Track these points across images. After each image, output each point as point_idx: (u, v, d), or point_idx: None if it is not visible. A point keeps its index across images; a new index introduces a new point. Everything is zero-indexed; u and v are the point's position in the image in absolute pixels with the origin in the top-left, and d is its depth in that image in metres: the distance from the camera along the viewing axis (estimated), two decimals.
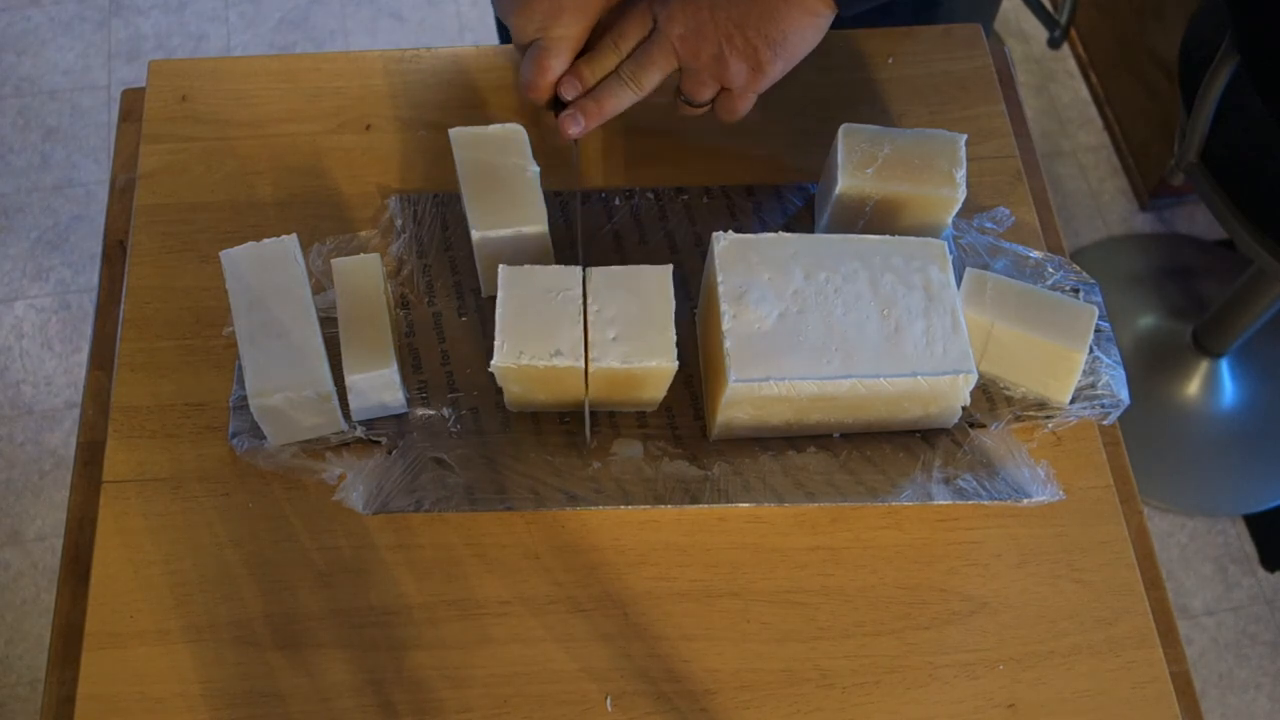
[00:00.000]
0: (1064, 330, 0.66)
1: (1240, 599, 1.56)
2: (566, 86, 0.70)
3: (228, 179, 0.76)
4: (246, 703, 0.61)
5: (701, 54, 0.68)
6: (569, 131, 0.70)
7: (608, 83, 0.70)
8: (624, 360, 0.61)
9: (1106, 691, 0.63)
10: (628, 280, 0.64)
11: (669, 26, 0.68)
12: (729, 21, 0.66)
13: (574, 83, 0.70)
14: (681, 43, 0.68)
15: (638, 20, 0.69)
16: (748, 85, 0.69)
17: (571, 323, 0.62)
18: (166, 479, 0.66)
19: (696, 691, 0.62)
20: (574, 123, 0.70)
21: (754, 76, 0.68)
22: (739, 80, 0.69)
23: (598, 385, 0.64)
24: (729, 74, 0.68)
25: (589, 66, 0.70)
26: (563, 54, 0.70)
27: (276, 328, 0.63)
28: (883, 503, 0.66)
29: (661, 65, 0.69)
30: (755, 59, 0.67)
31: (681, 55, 0.68)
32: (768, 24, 0.66)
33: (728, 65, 0.68)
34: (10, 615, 1.49)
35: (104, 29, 1.98)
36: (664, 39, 0.68)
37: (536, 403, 0.67)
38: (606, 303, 0.63)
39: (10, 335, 1.69)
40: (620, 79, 0.70)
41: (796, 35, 0.67)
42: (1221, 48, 1.10)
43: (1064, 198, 1.86)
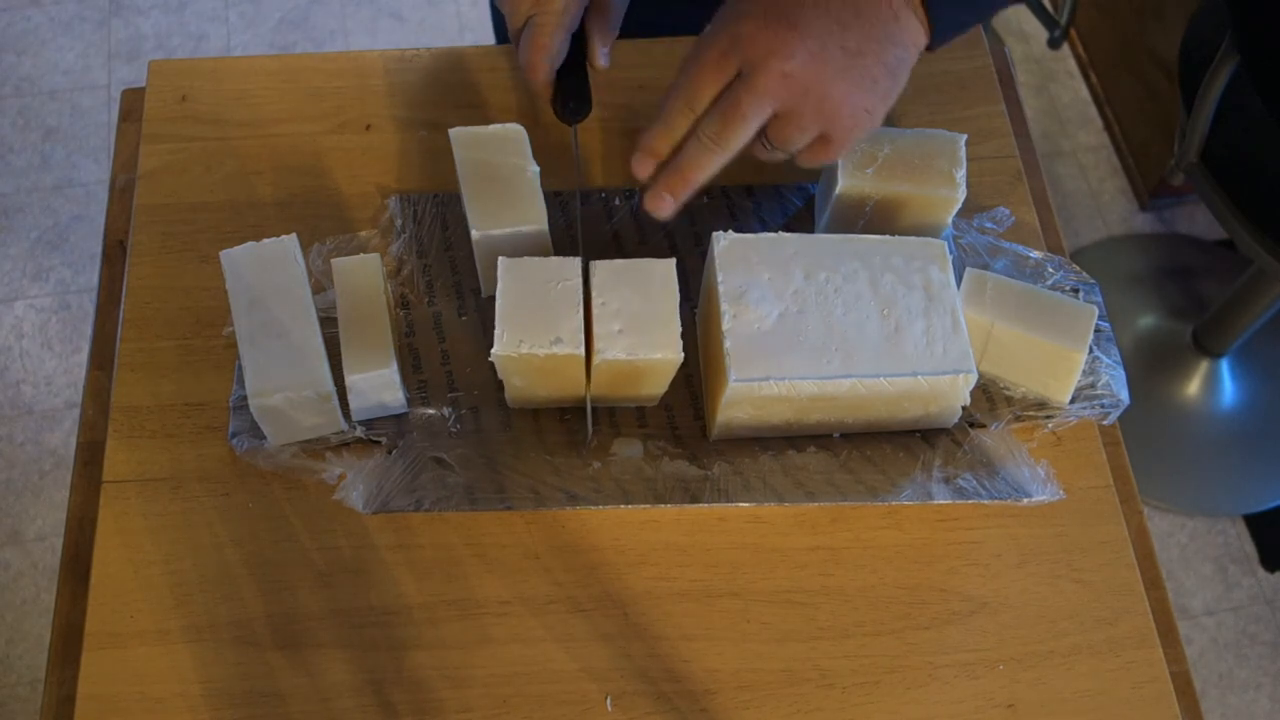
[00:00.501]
0: (1064, 330, 0.66)
1: (1240, 599, 1.56)
2: (639, 165, 0.61)
3: (228, 179, 0.76)
4: (246, 703, 0.61)
5: (811, 92, 0.56)
6: (660, 214, 0.61)
7: (688, 149, 0.59)
8: (629, 352, 0.61)
9: (1106, 691, 0.63)
10: (632, 273, 0.64)
11: (769, 63, 0.56)
12: (844, 52, 0.56)
13: (645, 160, 0.61)
14: (786, 82, 0.56)
15: (714, 64, 0.57)
16: (856, 125, 0.59)
17: (571, 311, 0.62)
18: (166, 479, 0.66)
19: (696, 691, 0.62)
20: (661, 202, 0.61)
21: (866, 116, 0.58)
22: (851, 121, 0.58)
23: (600, 379, 0.64)
24: (843, 115, 0.57)
25: (659, 136, 0.60)
26: (558, 31, 0.66)
27: (276, 328, 0.63)
28: (883, 502, 0.66)
29: (756, 116, 0.57)
30: (874, 92, 0.57)
31: (785, 96, 0.57)
32: (888, 49, 0.57)
33: (843, 104, 0.57)
34: (10, 615, 1.49)
35: (104, 29, 1.98)
36: (761, 81, 0.56)
37: (538, 398, 0.67)
38: (611, 296, 0.63)
39: (10, 335, 1.69)
40: (701, 143, 0.58)
41: (906, 67, 0.58)
42: (1221, 48, 1.10)
43: (1064, 198, 1.86)
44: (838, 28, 0.56)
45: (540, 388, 0.65)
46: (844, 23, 0.56)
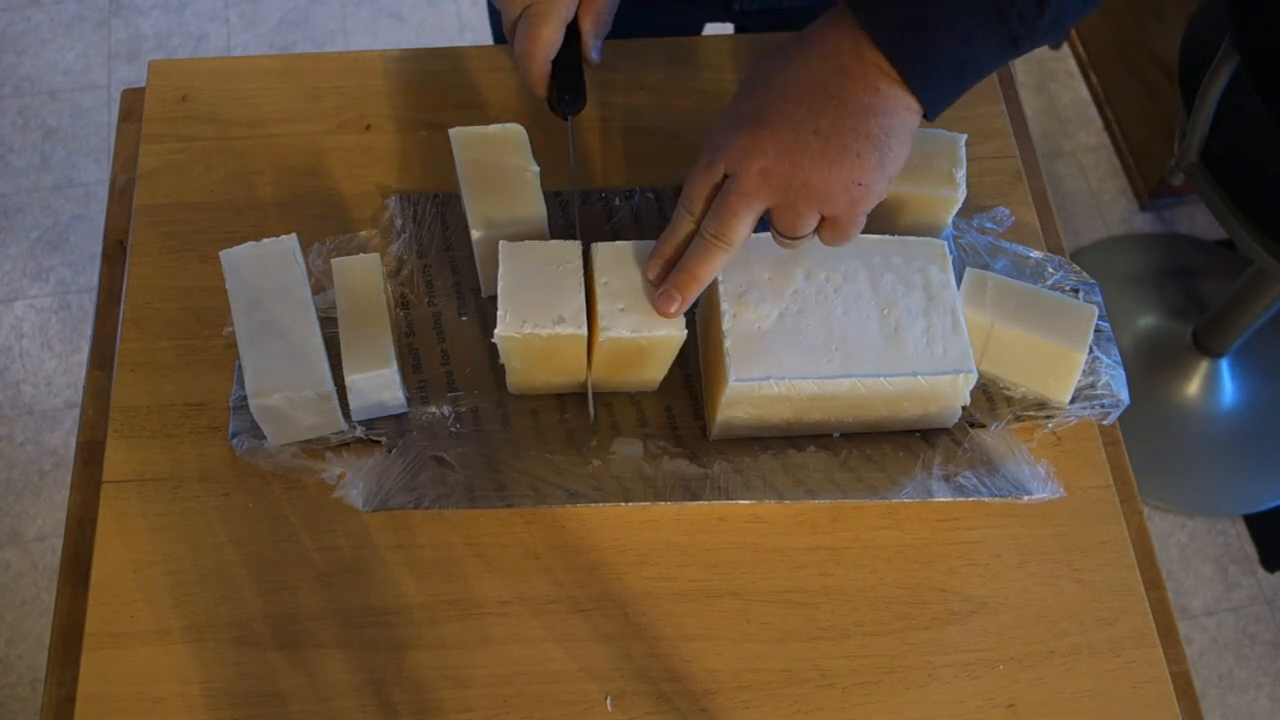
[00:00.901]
0: (1064, 330, 0.66)
1: (1240, 599, 1.56)
2: (650, 268, 0.62)
3: (228, 179, 0.76)
4: (246, 703, 0.61)
5: (794, 181, 0.57)
6: (668, 311, 0.62)
7: (693, 248, 0.61)
8: (634, 330, 0.61)
9: (1106, 691, 0.63)
10: (635, 254, 0.64)
11: (746, 164, 0.57)
12: (818, 136, 0.56)
13: (655, 263, 0.62)
14: (765, 178, 0.58)
15: (702, 173, 0.60)
16: (854, 201, 0.58)
17: (573, 292, 0.62)
18: (166, 479, 0.66)
19: (696, 691, 0.62)
20: (670, 300, 0.61)
21: (861, 190, 0.58)
22: (845, 198, 0.58)
23: (602, 361, 0.64)
24: (834, 194, 0.58)
25: (665, 241, 0.62)
26: (553, 21, 0.67)
27: (276, 328, 0.63)
28: (883, 499, 0.66)
29: (748, 213, 0.59)
30: (859, 165, 0.57)
31: (770, 191, 0.58)
32: (868, 121, 0.57)
33: (830, 185, 0.57)
34: (10, 615, 1.49)
35: (104, 29, 1.98)
36: (743, 181, 0.58)
37: (538, 384, 0.67)
38: (613, 276, 0.63)
39: (10, 335, 1.69)
40: (705, 241, 0.60)
41: (898, 134, 0.58)
42: (1221, 48, 1.10)
43: (1064, 198, 1.86)
44: (809, 115, 0.57)
45: (541, 371, 0.65)
46: (815, 109, 0.57)
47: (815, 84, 0.57)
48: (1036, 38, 0.57)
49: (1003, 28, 0.56)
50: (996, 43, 0.57)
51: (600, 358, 0.64)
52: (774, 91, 0.58)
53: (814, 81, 0.57)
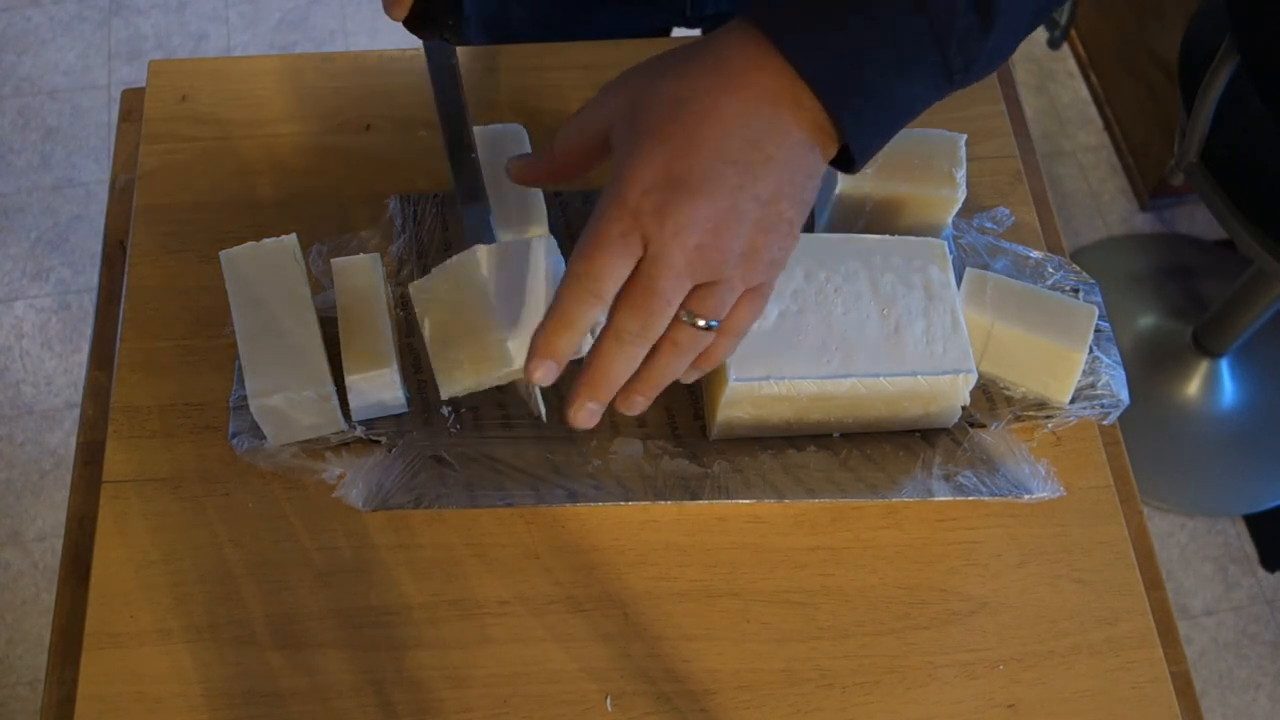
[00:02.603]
0: (1064, 330, 0.66)
1: (1240, 599, 1.56)
2: (541, 372, 0.50)
3: (228, 179, 0.76)
4: (246, 703, 0.61)
5: (728, 258, 0.49)
6: (586, 425, 0.52)
7: (605, 349, 0.49)
8: None
9: (1106, 691, 0.63)
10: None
11: (680, 240, 0.47)
12: (756, 201, 0.49)
13: (547, 365, 0.50)
14: (702, 255, 0.48)
15: (616, 248, 0.48)
16: (776, 269, 0.52)
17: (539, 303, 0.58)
18: (166, 479, 0.66)
19: (696, 691, 0.62)
20: (585, 414, 0.51)
21: (783, 255, 0.51)
22: (773, 268, 0.51)
23: None
24: (760, 268, 0.50)
25: (558, 333, 0.50)
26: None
27: (276, 328, 0.63)
28: (883, 499, 0.66)
29: (677, 296, 0.49)
30: (791, 234, 0.51)
31: (705, 270, 0.49)
32: (804, 184, 0.50)
33: (764, 254, 0.50)
34: (10, 615, 1.49)
35: (104, 29, 1.98)
36: (674, 260, 0.48)
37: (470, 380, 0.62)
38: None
39: (10, 335, 1.69)
40: (622, 341, 0.49)
41: (817, 188, 0.52)
42: (1221, 48, 1.10)
43: (1064, 198, 1.86)
44: (748, 178, 0.48)
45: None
46: (754, 171, 0.48)
47: (751, 140, 0.48)
48: (974, 70, 0.51)
49: (939, 59, 0.49)
50: (931, 79, 0.50)
51: None
52: (705, 146, 0.48)
53: (749, 136, 0.48)
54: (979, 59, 0.50)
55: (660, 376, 0.51)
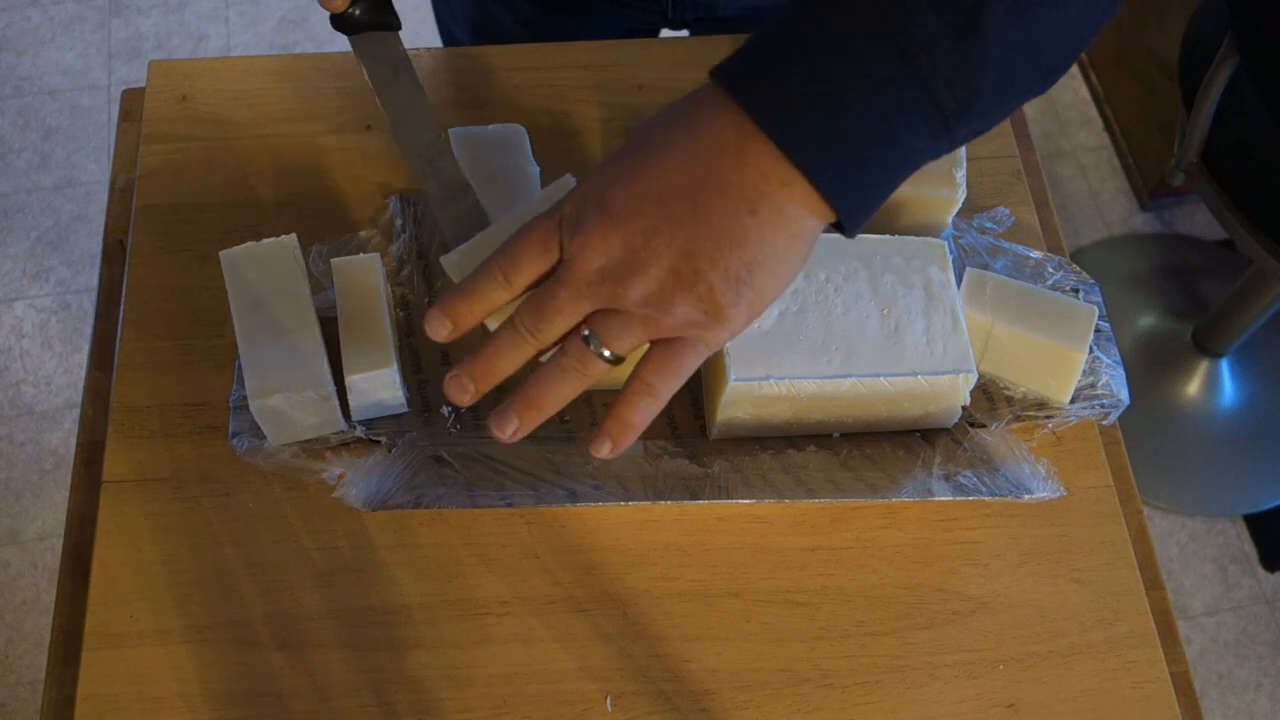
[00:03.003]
0: (1064, 330, 0.66)
1: (1240, 599, 1.56)
2: (435, 326, 0.52)
3: (228, 179, 0.76)
4: (246, 703, 0.61)
5: (630, 293, 0.48)
6: (461, 402, 0.52)
7: (500, 337, 0.51)
8: None
9: (1106, 691, 0.63)
10: None
11: (584, 258, 0.48)
12: (672, 249, 0.47)
13: (441, 322, 0.52)
14: (600, 281, 0.48)
15: (537, 245, 0.50)
16: (699, 338, 0.49)
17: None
18: (166, 479, 0.66)
19: (696, 691, 0.62)
20: (462, 390, 0.52)
21: (709, 325, 0.49)
22: (682, 329, 0.49)
23: None
24: (669, 318, 0.48)
25: (467, 300, 0.51)
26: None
27: (276, 328, 0.63)
28: (883, 499, 0.66)
29: (571, 313, 0.49)
30: (710, 300, 0.48)
31: (601, 297, 0.49)
32: (730, 250, 0.47)
33: (671, 308, 0.48)
34: (10, 615, 1.49)
35: (104, 29, 1.98)
36: (575, 278, 0.48)
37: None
38: None
39: (10, 335, 1.69)
40: (517, 333, 0.50)
41: (769, 266, 0.48)
42: (1221, 48, 1.10)
43: (1064, 198, 1.86)
44: (666, 223, 0.47)
45: None
46: (675, 218, 0.47)
47: (680, 187, 0.47)
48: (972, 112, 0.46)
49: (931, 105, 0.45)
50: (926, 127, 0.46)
51: None
52: (640, 179, 0.48)
53: (679, 184, 0.47)
54: (975, 101, 0.46)
55: (541, 390, 0.51)
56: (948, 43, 0.43)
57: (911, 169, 0.48)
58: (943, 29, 0.43)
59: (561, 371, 0.51)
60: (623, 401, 0.51)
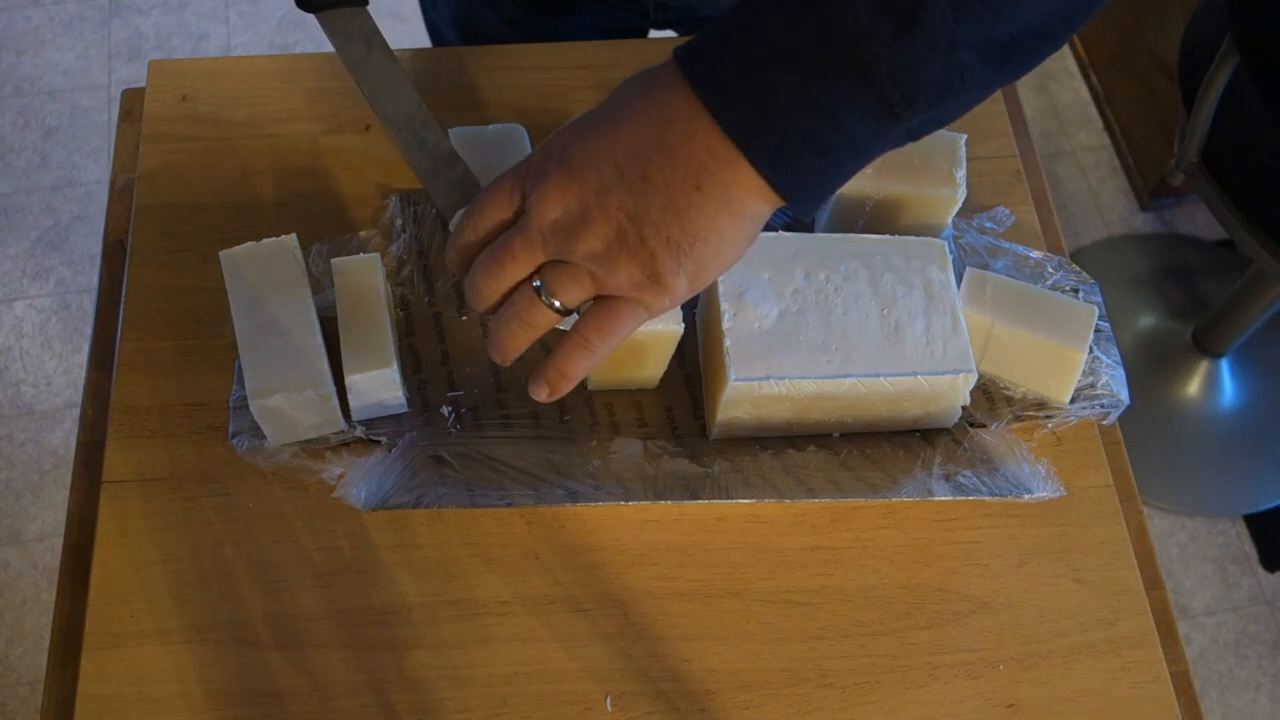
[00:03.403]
0: (1064, 330, 0.66)
1: (1240, 599, 1.56)
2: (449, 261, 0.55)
3: (228, 179, 0.76)
4: (246, 703, 0.61)
5: (579, 247, 0.50)
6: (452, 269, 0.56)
7: (470, 276, 0.54)
8: None
9: (1106, 691, 0.63)
10: None
11: (539, 210, 0.50)
12: (622, 210, 0.49)
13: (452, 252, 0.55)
14: (553, 233, 0.50)
15: (503, 195, 0.52)
16: (637, 300, 0.51)
17: None
18: (166, 479, 0.66)
19: (696, 691, 0.62)
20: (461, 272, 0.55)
21: (649, 289, 0.51)
22: (624, 289, 0.51)
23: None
24: (613, 277, 0.50)
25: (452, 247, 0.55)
26: None
27: (276, 328, 0.63)
28: (883, 498, 0.66)
29: (525, 261, 0.52)
30: (651, 266, 0.49)
31: (553, 248, 0.51)
32: (673, 220, 0.48)
33: (614, 267, 0.50)
34: (10, 615, 1.49)
35: (104, 29, 1.98)
36: (530, 228, 0.51)
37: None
38: None
39: (10, 335, 1.69)
40: (480, 267, 0.53)
41: (712, 242, 0.49)
42: (1221, 48, 1.10)
43: (1064, 198, 1.86)
44: (618, 185, 0.49)
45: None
46: (626, 182, 0.48)
47: (636, 153, 0.48)
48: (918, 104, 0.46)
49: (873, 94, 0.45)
50: (868, 116, 0.46)
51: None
52: (600, 140, 0.50)
53: (637, 150, 0.48)
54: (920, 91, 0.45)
55: (500, 333, 0.54)
56: (887, 33, 0.44)
57: (865, 157, 0.49)
58: (881, 22, 0.44)
59: (513, 318, 0.53)
60: (560, 352, 0.54)
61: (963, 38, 0.44)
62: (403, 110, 0.61)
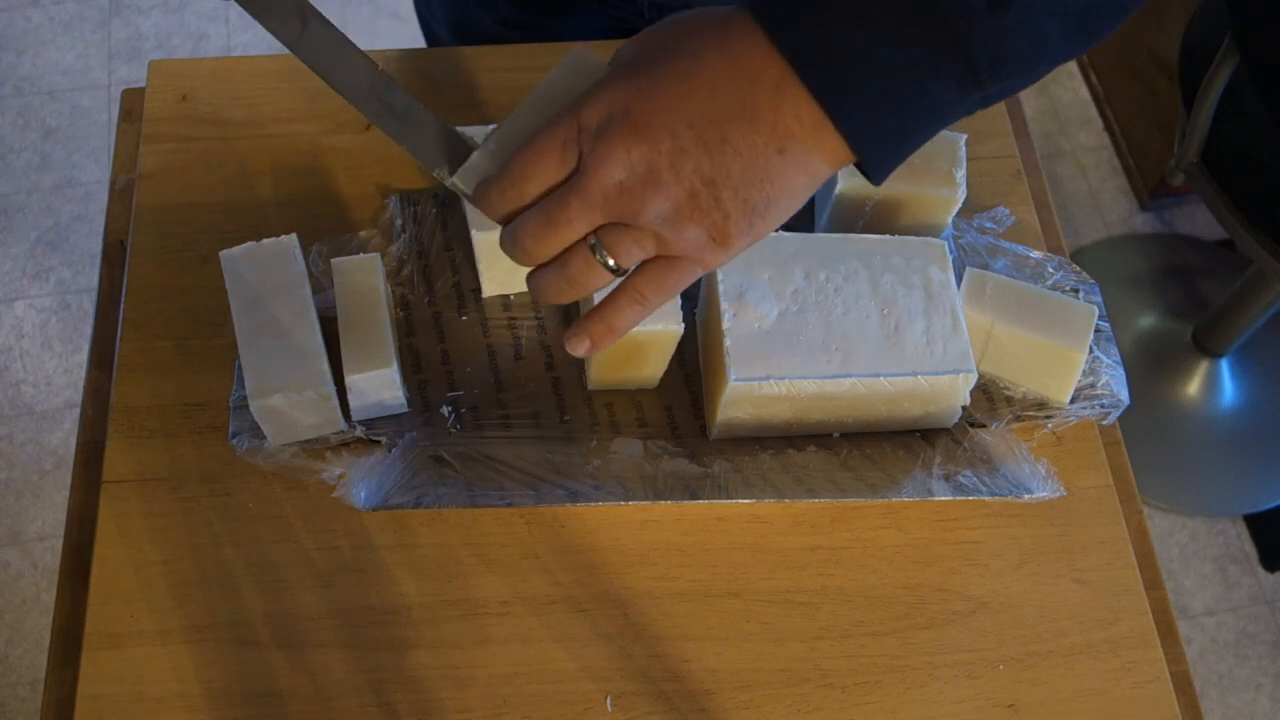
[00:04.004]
0: (1064, 330, 0.66)
1: (1240, 599, 1.56)
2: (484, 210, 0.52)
3: (228, 179, 0.76)
4: (246, 703, 0.61)
5: (647, 210, 0.47)
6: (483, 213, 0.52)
7: (507, 245, 0.51)
8: None
9: (1106, 691, 0.63)
10: None
11: (601, 172, 0.47)
12: (697, 174, 0.47)
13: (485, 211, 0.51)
14: (618, 196, 0.47)
15: (552, 152, 0.49)
16: (699, 260, 0.50)
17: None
18: (166, 479, 0.66)
19: (696, 691, 0.62)
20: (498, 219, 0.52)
21: (713, 249, 0.49)
22: (688, 249, 0.49)
23: (600, 357, 0.64)
24: (679, 240, 0.48)
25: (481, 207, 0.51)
26: None
27: (276, 328, 0.63)
28: (883, 498, 0.66)
29: (581, 224, 0.49)
30: (722, 228, 0.48)
31: (616, 211, 0.48)
32: (752, 184, 0.47)
33: (682, 229, 0.48)
34: (10, 615, 1.49)
35: (104, 29, 1.98)
36: (590, 190, 0.47)
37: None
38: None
39: (10, 335, 1.69)
40: (525, 224, 0.50)
41: (784, 202, 0.49)
42: (1221, 48, 1.10)
43: (1064, 198, 1.86)
44: (695, 148, 0.46)
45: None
46: (705, 144, 0.46)
47: (715, 116, 0.47)
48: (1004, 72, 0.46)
49: (962, 62, 0.45)
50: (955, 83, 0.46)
51: (597, 355, 0.64)
52: (671, 99, 0.47)
53: (715, 113, 0.47)
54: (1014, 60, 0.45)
55: (544, 289, 0.51)
56: (982, 3, 0.44)
57: (941, 124, 0.49)
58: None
59: (562, 277, 0.50)
60: (611, 307, 0.51)
61: (1045, 7, 0.44)
62: (360, 79, 0.57)
